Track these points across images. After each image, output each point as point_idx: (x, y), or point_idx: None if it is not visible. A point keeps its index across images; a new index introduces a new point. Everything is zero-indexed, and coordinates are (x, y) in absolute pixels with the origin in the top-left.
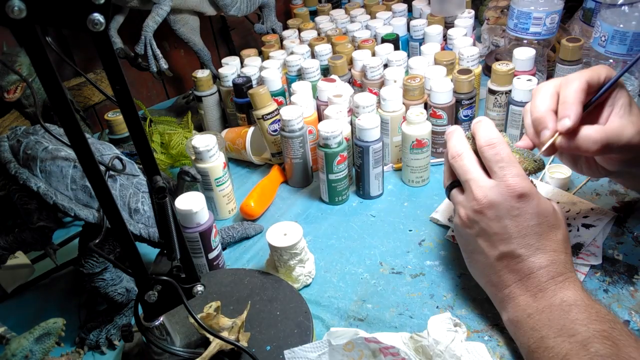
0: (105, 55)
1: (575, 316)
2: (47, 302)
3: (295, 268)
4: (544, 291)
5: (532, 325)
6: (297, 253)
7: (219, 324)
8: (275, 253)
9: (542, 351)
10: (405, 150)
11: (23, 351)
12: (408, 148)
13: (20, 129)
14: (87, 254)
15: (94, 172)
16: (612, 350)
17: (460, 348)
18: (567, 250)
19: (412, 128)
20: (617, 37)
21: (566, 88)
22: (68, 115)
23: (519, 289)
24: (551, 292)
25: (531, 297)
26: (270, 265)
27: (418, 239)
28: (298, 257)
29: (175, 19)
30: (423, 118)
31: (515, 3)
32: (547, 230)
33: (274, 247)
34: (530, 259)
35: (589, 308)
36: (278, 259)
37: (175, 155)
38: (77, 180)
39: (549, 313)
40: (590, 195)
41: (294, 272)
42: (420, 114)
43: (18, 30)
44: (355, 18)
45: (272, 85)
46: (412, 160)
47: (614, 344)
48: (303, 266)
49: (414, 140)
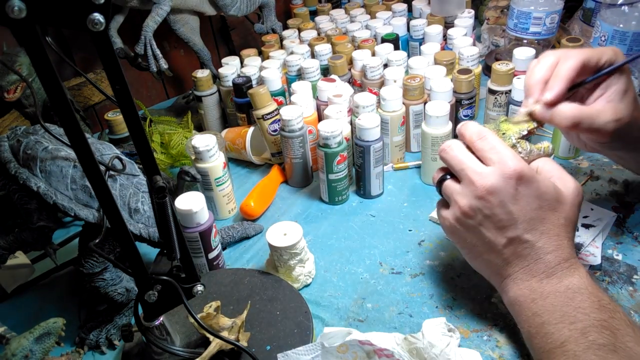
0: (105, 55)
1: (578, 304)
2: (47, 302)
3: (295, 268)
4: (550, 277)
5: (535, 311)
6: (297, 253)
7: (219, 323)
8: (275, 253)
9: (542, 337)
10: (426, 151)
11: (23, 351)
12: (429, 147)
13: (20, 128)
14: (87, 254)
15: (94, 172)
16: (610, 340)
17: (454, 353)
18: (569, 235)
19: (432, 128)
20: (617, 37)
21: (563, 63)
22: (68, 115)
23: (525, 274)
24: (557, 278)
25: (537, 283)
26: (270, 265)
27: (418, 239)
28: (298, 257)
29: (175, 18)
30: (446, 117)
31: (515, 3)
32: (549, 213)
33: (274, 247)
34: (538, 244)
35: (592, 296)
36: (278, 259)
37: (175, 155)
38: (77, 180)
39: (553, 299)
40: (590, 195)
41: (293, 272)
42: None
43: (18, 30)
44: (355, 18)
45: (272, 85)
46: (434, 160)
47: (612, 333)
48: (303, 266)
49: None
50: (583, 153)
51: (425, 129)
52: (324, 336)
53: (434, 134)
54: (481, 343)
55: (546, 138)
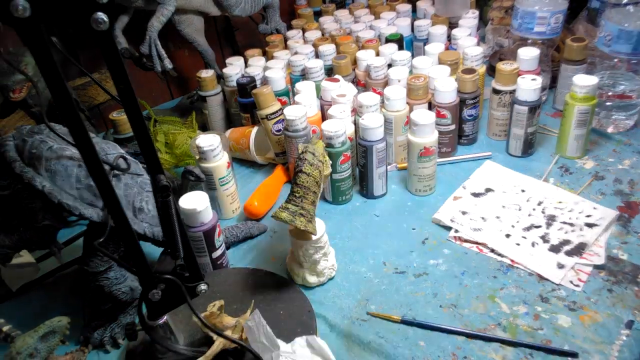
0: (109, 54)
1: None
2: (51, 301)
3: (320, 262)
4: None
5: None
6: (321, 247)
7: (223, 322)
8: (301, 248)
9: None
10: (412, 159)
11: (28, 349)
12: (415, 156)
13: (26, 128)
14: (92, 253)
15: (99, 171)
16: None
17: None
18: None
19: (419, 138)
20: (623, 37)
21: None
22: (73, 114)
23: None
24: None
25: None
26: (292, 262)
27: (421, 238)
28: (322, 251)
29: (179, 19)
30: (432, 126)
31: (520, 3)
32: None
33: (299, 243)
34: None
35: None
36: (304, 254)
37: (180, 154)
38: (81, 179)
39: None
40: (595, 195)
41: (319, 266)
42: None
43: (22, 29)
44: (359, 18)
45: (276, 85)
46: (420, 169)
47: None
48: (327, 259)
49: (422, 148)
50: (588, 153)
51: (411, 139)
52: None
53: (419, 143)
54: (484, 344)
55: (552, 137)
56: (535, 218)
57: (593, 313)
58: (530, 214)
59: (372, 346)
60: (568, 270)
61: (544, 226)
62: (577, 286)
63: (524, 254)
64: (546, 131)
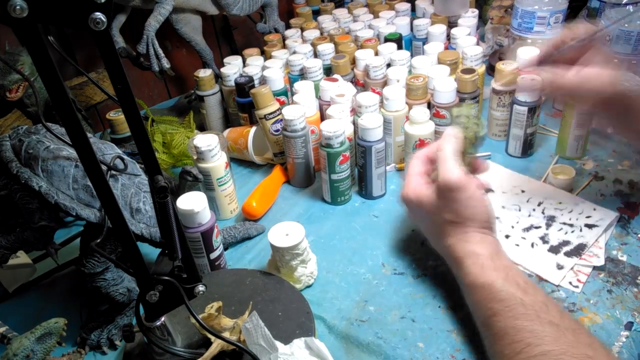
0: (107, 54)
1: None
2: (48, 302)
3: (297, 268)
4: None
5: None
6: (299, 253)
7: (221, 324)
8: (277, 253)
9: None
10: (407, 151)
11: (24, 351)
12: (411, 148)
13: (22, 128)
14: (89, 254)
15: (96, 172)
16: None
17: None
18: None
19: (415, 128)
20: (622, 37)
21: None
22: (70, 114)
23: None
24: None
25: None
26: (272, 265)
27: (420, 239)
28: (300, 258)
29: (177, 18)
30: (426, 117)
31: (519, 2)
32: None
33: (275, 248)
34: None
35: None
36: (280, 259)
37: (177, 155)
38: (78, 179)
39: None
40: (594, 196)
41: (295, 273)
42: (423, 113)
43: (20, 29)
44: (358, 17)
45: (274, 84)
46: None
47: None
48: (305, 267)
49: (417, 140)
50: (588, 153)
51: (408, 130)
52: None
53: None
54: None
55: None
56: (534, 219)
57: (592, 314)
58: (529, 214)
59: (371, 347)
60: (567, 271)
61: (544, 227)
62: (576, 287)
63: (523, 255)
64: (546, 131)
